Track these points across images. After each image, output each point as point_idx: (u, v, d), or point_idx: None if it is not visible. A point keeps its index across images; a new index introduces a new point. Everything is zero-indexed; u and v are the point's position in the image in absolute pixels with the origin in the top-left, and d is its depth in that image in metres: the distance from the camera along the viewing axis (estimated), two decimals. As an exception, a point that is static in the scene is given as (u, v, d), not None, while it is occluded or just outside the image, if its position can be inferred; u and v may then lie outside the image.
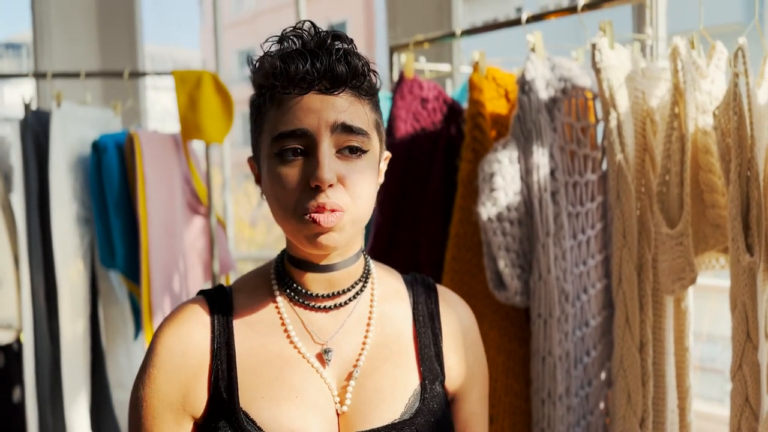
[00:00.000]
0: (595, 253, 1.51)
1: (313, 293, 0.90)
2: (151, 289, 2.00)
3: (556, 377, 1.38)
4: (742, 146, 1.16)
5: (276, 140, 0.83)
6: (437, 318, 0.97)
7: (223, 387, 0.86)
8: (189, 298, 0.94)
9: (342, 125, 0.82)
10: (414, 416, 0.88)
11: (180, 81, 2.18)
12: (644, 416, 1.36)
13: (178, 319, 0.89)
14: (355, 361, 0.90)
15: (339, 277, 0.91)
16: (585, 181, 1.48)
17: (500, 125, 1.49)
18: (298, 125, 0.81)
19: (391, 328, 0.93)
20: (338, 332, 0.91)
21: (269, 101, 0.85)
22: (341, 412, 0.87)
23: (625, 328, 1.36)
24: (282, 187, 0.82)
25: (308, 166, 0.82)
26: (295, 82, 0.81)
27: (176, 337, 0.87)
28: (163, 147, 2.17)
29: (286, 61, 0.81)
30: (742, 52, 1.16)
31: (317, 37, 0.83)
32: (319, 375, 0.88)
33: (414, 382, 0.91)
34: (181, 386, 0.86)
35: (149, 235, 2.00)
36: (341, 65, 0.81)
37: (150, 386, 0.86)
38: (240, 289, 0.93)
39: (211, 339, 0.88)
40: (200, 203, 2.37)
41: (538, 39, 1.41)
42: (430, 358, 0.94)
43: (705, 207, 1.31)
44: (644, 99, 1.35)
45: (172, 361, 0.86)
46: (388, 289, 0.97)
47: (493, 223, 1.37)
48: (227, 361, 0.87)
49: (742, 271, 1.19)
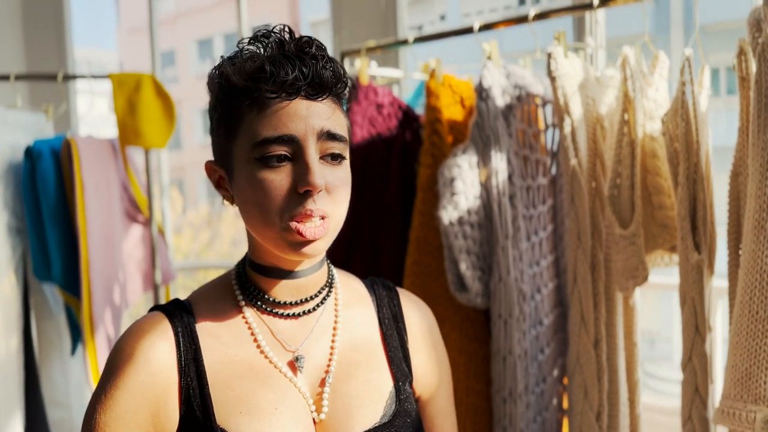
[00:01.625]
0: (546, 254, 1.56)
1: (280, 301, 0.89)
2: (92, 302, 1.91)
3: (516, 375, 1.42)
4: (690, 150, 1.24)
5: (259, 145, 0.81)
6: (401, 319, 0.98)
7: (196, 405, 0.83)
8: (144, 315, 0.89)
9: (327, 133, 0.82)
10: (392, 418, 0.89)
11: (118, 84, 2.10)
12: (600, 410, 1.42)
13: (140, 334, 0.84)
14: (327, 366, 0.89)
15: (306, 284, 0.90)
16: (537, 185, 1.53)
17: (456, 131, 1.52)
18: (284, 131, 0.80)
19: (358, 332, 0.93)
20: (307, 339, 0.90)
21: (248, 105, 0.82)
22: (318, 420, 0.86)
23: (580, 325, 1.41)
24: (266, 193, 0.80)
25: (295, 172, 0.81)
26: (284, 87, 0.80)
27: (140, 355, 0.82)
28: (100, 153, 2.08)
29: (275, 64, 0.80)
30: (689, 62, 1.23)
31: (297, 43, 0.83)
32: (293, 384, 0.87)
33: (388, 385, 0.91)
34: (149, 406, 0.82)
35: (89, 245, 1.92)
36: (327, 71, 0.82)
37: (113, 409, 0.81)
38: (199, 302, 0.90)
39: (177, 355, 0.84)
40: (138, 211, 2.29)
41: (494, 47, 1.45)
42: (399, 359, 0.94)
43: (653, 208, 1.38)
44: (595, 106, 1.41)
45: (138, 380, 0.81)
46: (351, 294, 0.97)
47: (455, 227, 1.39)
48: (197, 377, 0.84)
49: (690, 268, 1.26)
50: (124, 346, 0.84)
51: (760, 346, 1.07)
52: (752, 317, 1.08)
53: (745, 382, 1.08)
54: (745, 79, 1.16)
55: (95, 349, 1.94)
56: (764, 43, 1.07)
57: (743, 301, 1.10)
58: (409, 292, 1.03)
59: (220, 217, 14.07)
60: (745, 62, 1.15)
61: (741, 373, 1.09)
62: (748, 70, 1.16)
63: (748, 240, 1.09)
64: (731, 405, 1.10)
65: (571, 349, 1.44)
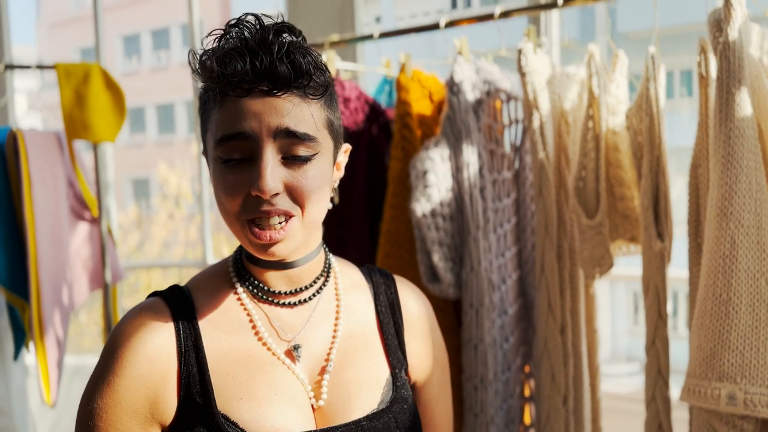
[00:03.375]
0: (510, 246, 1.61)
1: (275, 290, 0.89)
2: (41, 303, 1.83)
3: (487, 363, 1.46)
4: (653, 144, 1.31)
5: (219, 144, 0.79)
6: (398, 307, 0.99)
7: (196, 391, 0.82)
8: (143, 301, 0.88)
9: (286, 130, 0.78)
10: (390, 405, 0.90)
11: (65, 75, 2.02)
12: (566, 394, 1.47)
13: (140, 321, 0.84)
14: (327, 355, 0.90)
15: (299, 274, 0.89)
16: (502, 179, 1.57)
17: (425, 125, 1.55)
18: (238, 128, 0.78)
19: (356, 320, 0.94)
20: (305, 327, 0.90)
21: (212, 101, 0.81)
22: (317, 406, 0.87)
23: (548, 313, 1.46)
24: (225, 193, 0.80)
25: (251, 173, 0.78)
26: (233, 84, 0.76)
27: (140, 341, 0.82)
28: (46, 146, 1.99)
29: (224, 61, 0.76)
30: (653, 60, 1.30)
31: (260, 33, 0.77)
32: (291, 371, 0.87)
33: (385, 371, 0.93)
34: (147, 393, 0.81)
35: (38, 242, 1.83)
36: (283, 65, 0.76)
37: (111, 395, 0.80)
38: (198, 289, 0.89)
39: (176, 341, 0.84)
40: (85, 208, 2.20)
41: (465, 43, 1.49)
42: (395, 346, 0.96)
43: (615, 200, 1.44)
44: (560, 101, 1.46)
45: (138, 366, 0.81)
46: (349, 282, 0.97)
47: (427, 219, 1.41)
48: (197, 363, 0.83)
49: (653, 256, 1.33)
50: (123, 331, 0.83)
51: (723, 327, 1.14)
52: (716, 300, 1.15)
53: (710, 361, 1.15)
54: (704, 77, 1.24)
55: (45, 351, 1.86)
56: (725, 42, 1.14)
57: (707, 285, 1.16)
58: (406, 280, 1.04)
59: (151, 219, 13.63)
60: (705, 61, 1.23)
61: (705, 353, 1.16)
62: (708, 69, 1.23)
63: (712, 227, 1.16)
64: (697, 383, 1.17)
65: (539, 335, 1.49)
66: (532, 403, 1.65)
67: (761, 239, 1.13)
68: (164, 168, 13.58)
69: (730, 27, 1.14)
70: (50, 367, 1.88)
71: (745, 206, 1.12)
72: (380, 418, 0.88)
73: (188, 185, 13.56)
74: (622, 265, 1.51)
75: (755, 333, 1.12)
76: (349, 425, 0.86)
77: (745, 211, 1.12)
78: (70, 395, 2.99)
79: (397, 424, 0.89)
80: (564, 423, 1.47)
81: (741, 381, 1.12)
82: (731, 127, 1.13)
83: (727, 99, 1.14)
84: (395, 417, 0.89)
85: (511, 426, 1.62)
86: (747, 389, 1.11)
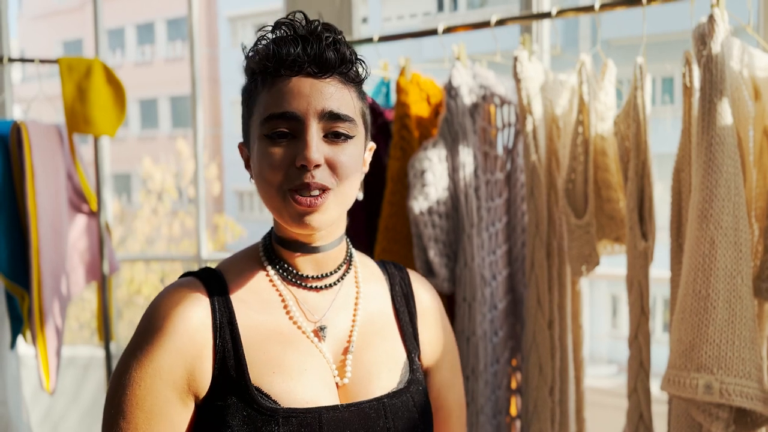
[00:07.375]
0: (501, 244, 1.68)
1: (302, 274, 0.95)
2: (42, 292, 1.87)
3: (478, 354, 1.53)
4: (639, 149, 1.38)
5: (266, 121, 0.87)
6: (412, 298, 1.06)
7: (230, 365, 0.88)
8: (178, 279, 0.94)
9: (330, 113, 0.87)
10: (408, 385, 0.97)
11: (67, 69, 2.05)
12: (553, 385, 1.54)
13: (179, 296, 0.89)
14: (348, 336, 0.97)
15: (325, 259, 0.96)
16: (495, 180, 1.65)
17: (423, 127, 1.61)
18: (287, 108, 0.87)
19: (374, 307, 1.01)
20: (329, 310, 0.96)
21: (261, 85, 0.90)
22: (341, 384, 0.94)
23: (537, 308, 1.53)
24: (269, 165, 0.87)
25: (296, 147, 0.87)
26: (286, 65, 0.86)
27: (179, 314, 0.87)
28: (48, 139, 2.03)
29: (279, 45, 0.87)
30: (641, 70, 1.37)
31: (309, 26, 0.89)
32: (318, 350, 0.93)
33: (402, 355, 1.00)
34: (186, 365, 0.86)
35: (39, 233, 1.87)
36: (330, 51, 0.87)
37: (150, 365, 0.84)
38: (229, 270, 0.95)
39: (212, 317, 0.89)
40: (83, 201, 2.24)
41: (462, 49, 1.55)
42: (410, 333, 1.03)
43: (602, 201, 1.52)
44: (552, 107, 1.54)
45: (177, 339, 0.86)
46: (368, 272, 1.04)
47: (424, 216, 1.48)
48: (232, 339, 0.89)
49: (638, 255, 1.41)
50: (161, 305, 0.88)
51: (702, 321, 1.22)
52: (695, 296, 1.23)
53: (689, 353, 1.23)
54: (689, 88, 1.32)
55: (45, 341, 1.89)
56: (708, 56, 1.23)
57: (687, 282, 1.24)
58: (418, 274, 1.11)
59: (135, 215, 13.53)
60: (690, 72, 1.31)
61: (685, 346, 1.24)
62: (692, 80, 1.31)
63: (693, 228, 1.24)
64: (676, 374, 1.25)
65: (528, 328, 1.56)
66: (519, 395, 1.72)
67: (738, 240, 1.21)
68: (148, 163, 13.49)
69: (714, 41, 1.22)
70: (50, 355, 1.91)
71: (724, 209, 1.20)
72: (399, 397, 0.95)
73: (172, 181, 13.48)
74: (604, 264, 1.59)
75: (731, 327, 1.21)
76: (372, 401, 0.92)
77: (724, 214, 1.20)
78: (61, 385, 3.02)
79: (414, 403, 0.95)
80: (550, 413, 1.55)
81: (717, 372, 1.20)
82: (713, 135, 1.21)
83: (710, 108, 1.22)
84: (412, 397, 0.96)
85: (498, 416, 1.69)
86: (723, 379, 1.20)
